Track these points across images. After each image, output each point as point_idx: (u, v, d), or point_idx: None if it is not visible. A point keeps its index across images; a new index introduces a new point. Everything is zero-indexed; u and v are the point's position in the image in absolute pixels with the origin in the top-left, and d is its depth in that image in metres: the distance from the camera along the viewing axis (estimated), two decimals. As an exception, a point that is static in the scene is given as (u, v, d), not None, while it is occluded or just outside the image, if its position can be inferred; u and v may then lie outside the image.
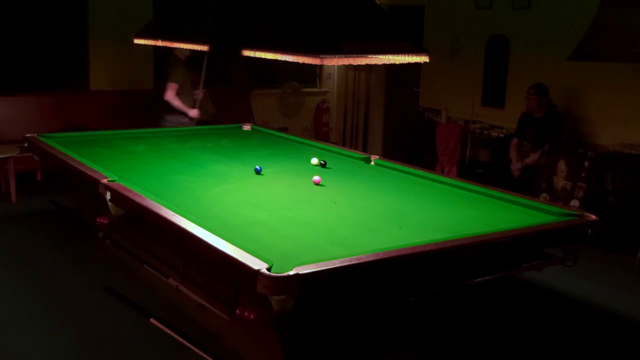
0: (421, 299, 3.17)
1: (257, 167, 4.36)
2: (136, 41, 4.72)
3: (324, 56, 3.36)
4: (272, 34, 3.69)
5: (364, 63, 3.71)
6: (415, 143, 8.22)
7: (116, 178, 3.86)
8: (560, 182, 6.09)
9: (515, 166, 6.54)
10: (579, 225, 3.51)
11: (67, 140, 5.02)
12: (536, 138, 6.38)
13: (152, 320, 3.86)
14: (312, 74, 9.50)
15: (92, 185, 3.89)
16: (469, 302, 3.51)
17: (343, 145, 8.99)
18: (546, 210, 3.71)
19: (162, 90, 6.32)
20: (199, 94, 6.36)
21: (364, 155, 4.96)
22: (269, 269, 2.59)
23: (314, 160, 4.50)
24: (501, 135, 7.31)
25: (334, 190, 4.07)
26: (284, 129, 7.60)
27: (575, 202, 5.89)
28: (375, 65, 8.53)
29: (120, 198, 3.62)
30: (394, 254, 2.86)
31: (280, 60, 3.60)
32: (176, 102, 6.25)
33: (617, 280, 5.30)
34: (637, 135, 6.08)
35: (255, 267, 2.60)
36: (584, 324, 4.52)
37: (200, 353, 3.46)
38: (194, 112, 6.33)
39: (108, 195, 3.70)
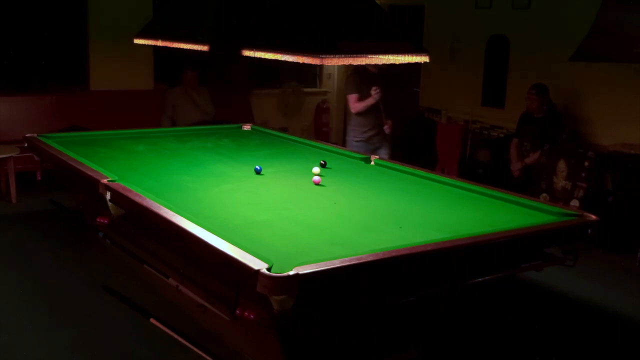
0: (421, 299, 3.17)
1: (257, 167, 4.36)
2: (136, 41, 4.71)
3: (324, 56, 3.35)
4: (272, 34, 3.69)
5: (364, 63, 3.70)
6: (415, 143, 8.21)
7: (116, 178, 3.86)
8: (560, 182, 6.09)
9: (515, 166, 6.54)
10: (579, 225, 3.51)
11: (67, 140, 5.02)
12: (536, 138, 6.37)
13: (152, 320, 3.86)
14: (312, 74, 9.50)
15: (92, 185, 3.89)
16: (469, 302, 3.51)
17: (343, 145, 8.97)
18: (546, 210, 3.70)
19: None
20: (387, 128, 6.27)
21: (364, 155, 4.95)
22: (269, 269, 2.59)
23: (316, 170, 4.39)
24: (501, 135, 7.31)
25: (334, 190, 4.06)
26: (284, 129, 7.59)
27: (575, 202, 5.88)
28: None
29: (120, 198, 3.62)
30: (394, 254, 2.86)
31: (280, 60, 3.59)
32: (362, 105, 6.14)
33: (617, 280, 5.30)
34: (637, 135, 6.08)
35: (255, 267, 2.60)
36: (584, 324, 4.51)
37: (200, 353, 3.46)
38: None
39: (108, 195, 3.70)
